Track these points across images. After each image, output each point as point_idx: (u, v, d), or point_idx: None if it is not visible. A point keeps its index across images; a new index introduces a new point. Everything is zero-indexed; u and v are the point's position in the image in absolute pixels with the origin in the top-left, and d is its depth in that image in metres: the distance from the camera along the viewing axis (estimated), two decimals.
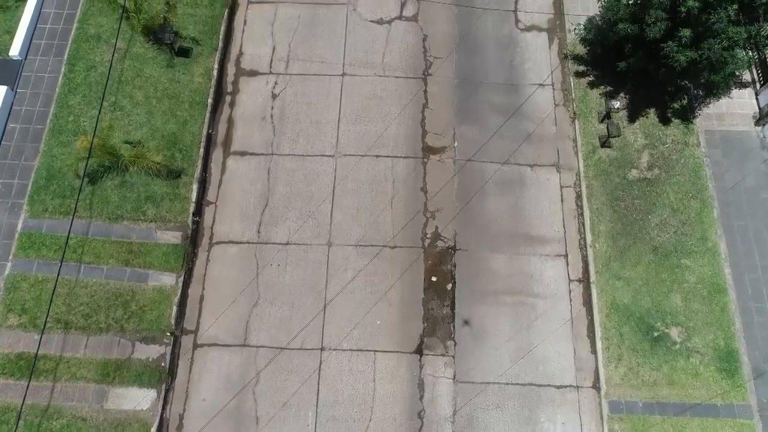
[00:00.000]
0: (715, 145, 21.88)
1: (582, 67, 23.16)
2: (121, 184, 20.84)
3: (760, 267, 20.13)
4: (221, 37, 23.62)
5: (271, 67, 23.33)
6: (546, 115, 22.63)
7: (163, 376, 18.81)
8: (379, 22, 24.18)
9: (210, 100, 22.52)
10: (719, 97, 19.95)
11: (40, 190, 20.55)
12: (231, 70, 23.36)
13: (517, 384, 18.86)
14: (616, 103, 21.23)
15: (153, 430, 18.18)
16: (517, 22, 24.34)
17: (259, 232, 20.76)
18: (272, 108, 22.64)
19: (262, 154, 21.91)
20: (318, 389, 18.77)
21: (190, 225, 20.69)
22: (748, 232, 20.59)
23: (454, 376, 18.99)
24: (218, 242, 20.70)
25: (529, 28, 24.25)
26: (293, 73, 23.21)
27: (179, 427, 18.38)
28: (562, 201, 21.39)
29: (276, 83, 23.07)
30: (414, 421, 18.53)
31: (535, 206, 21.28)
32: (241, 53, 23.64)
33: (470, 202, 21.24)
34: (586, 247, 20.64)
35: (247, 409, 18.52)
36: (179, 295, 19.80)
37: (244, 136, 22.23)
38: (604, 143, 21.77)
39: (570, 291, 20.15)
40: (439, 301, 19.97)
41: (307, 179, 21.53)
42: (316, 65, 23.32)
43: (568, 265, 20.47)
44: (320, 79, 23.11)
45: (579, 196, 21.42)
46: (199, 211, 21.07)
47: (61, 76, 22.20)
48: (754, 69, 22.24)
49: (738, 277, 20.02)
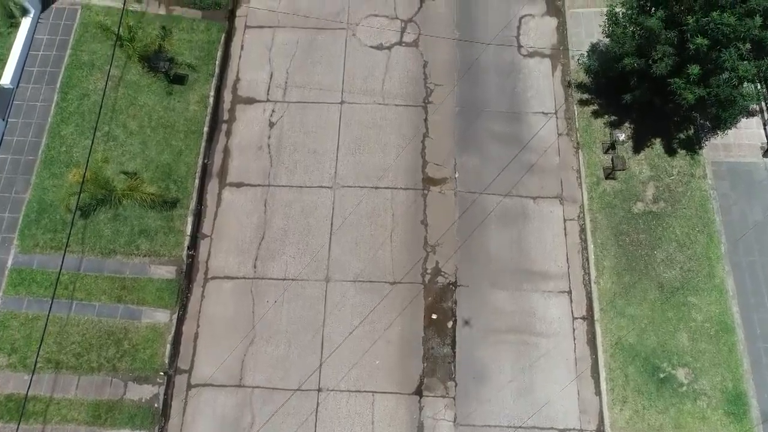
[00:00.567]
0: (723, 177, 21.38)
1: (586, 96, 22.67)
2: (114, 217, 20.36)
3: None
4: (218, 62, 23.14)
5: (268, 95, 22.85)
6: (549, 145, 22.14)
7: (156, 418, 18.34)
8: (379, 47, 23.69)
9: (206, 129, 22.05)
10: (727, 131, 19.40)
11: (31, 224, 20.08)
12: (227, 97, 22.88)
13: (520, 427, 18.35)
14: (621, 135, 20.72)
15: None
16: (520, 47, 23.85)
17: (256, 267, 20.27)
18: (269, 137, 22.16)
19: (259, 185, 21.43)
20: None
21: (185, 259, 20.21)
22: (757, 268, 20.10)
23: (455, 418, 18.50)
24: (213, 277, 20.21)
25: (531, 54, 23.75)
26: (291, 100, 22.72)
27: None
28: (566, 235, 20.90)
29: (273, 111, 22.58)
30: None
31: (538, 240, 20.78)
32: (238, 79, 23.16)
33: (471, 236, 20.74)
34: (590, 284, 20.15)
35: None
36: (173, 332, 19.33)
37: (241, 167, 21.74)
38: (609, 175, 21.27)
39: (574, 329, 19.65)
40: (440, 339, 19.48)
41: (304, 211, 21.04)
42: (314, 92, 22.83)
43: (571, 302, 19.97)
44: (319, 106, 22.63)
45: (583, 230, 20.93)
46: (194, 245, 20.59)
47: (53, 105, 21.73)
48: (762, 100, 21.72)
49: (746, 316, 19.51)
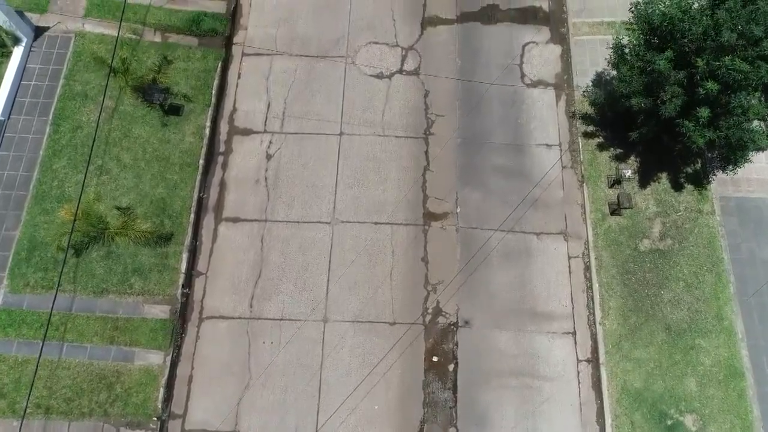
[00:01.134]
0: (731, 213, 20.85)
1: (590, 127, 22.14)
2: (107, 255, 19.85)
3: None
4: (214, 92, 22.61)
5: (265, 126, 22.32)
6: (553, 179, 21.61)
7: None
8: (379, 76, 23.16)
9: (201, 162, 21.53)
10: (736, 170, 18.85)
11: (22, 262, 19.56)
12: (224, 128, 22.36)
13: None
14: (628, 171, 20.19)
15: None
16: (523, 76, 23.31)
17: (252, 306, 19.75)
18: (266, 170, 21.63)
19: (256, 221, 20.91)
20: None
21: (179, 298, 19.70)
22: (766, 310, 19.55)
23: None
24: (208, 317, 19.69)
25: (535, 84, 23.21)
26: (289, 131, 22.20)
27: None
28: (570, 273, 20.37)
29: (271, 143, 22.07)
30: None
31: (542, 278, 20.26)
32: (234, 110, 22.63)
33: (473, 274, 20.22)
34: (596, 325, 19.62)
35: None
36: (167, 375, 18.82)
37: (237, 201, 21.22)
38: (614, 211, 20.74)
39: (578, 372, 19.13)
40: (441, 383, 18.96)
41: (302, 248, 20.52)
42: (312, 123, 22.31)
43: (576, 344, 19.45)
44: (317, 138, 22.11)
45: (588, 268, 20.40)
46: (188, 283, 20.07)
47: (45, 138, 21.21)
48: None
49: (756, 360, 18.99)
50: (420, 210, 21.14)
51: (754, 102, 16.52)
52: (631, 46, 18.05)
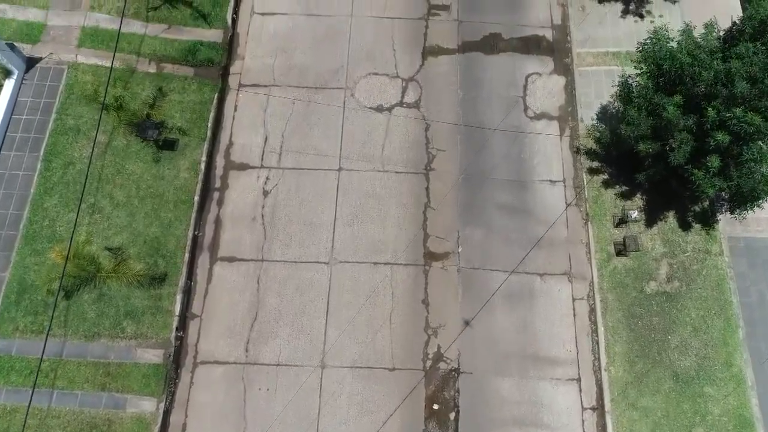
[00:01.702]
0: (740, 255, 20.31)
1: (595, 163, 21.61)
2: (98, 297, 19.33)
3: None
4: (210, 125, 22.08)
5: (262, 160, 21.79)
6: (557, 217, 21.07)
7: None
8: (379, 109, 22.63)
9: (197, 198, 21.00)
10: (746, 215, 18.31)
11: (11, 306, 19.05)
12: (220, 162, 21.82)
13: None
14: (634, 212, 19.66)
15: None
16: (526, 109, 22.77)
17: (247, 351, 19.22)
18: (263, 207, 21.11)
19: (252, 260, 20.37)
20: None
21: (173, 342, 19.18)
22: None
23: None
24: (203, 362, 19.16)
25: (538, 116, 22.68)
26: (286, 167, 21.67)
27: None
28: (575, 316, 19.84)
29: (268, 178, 21.53)
30: None
31: (546, 322, 19.73)
32: (231, 143, 22.10)
33: (475, 317, 19.69)
34: (601, 371, 19.09)
35: None
36: (159, 424, 18.29)
37: (233, 239, 20.69)
38: (620, 252, 20.20)
39: (583, 421, 18.60)
40: None
41: (299, 289, 19.98)
42: (310, 158, 21.78)
43: (581, 391, 18.92)
44: (315, 174, 21.58)
45: (593, 311, 19.87)
46: (183, 326, 19.55)
47: (36, 174, 20.69)
48: None
49: (766, 409, 18.45)
50: (420, 249, 20.60)
51: (767, 149, 15.98)
52: (638, 87, 17.47)
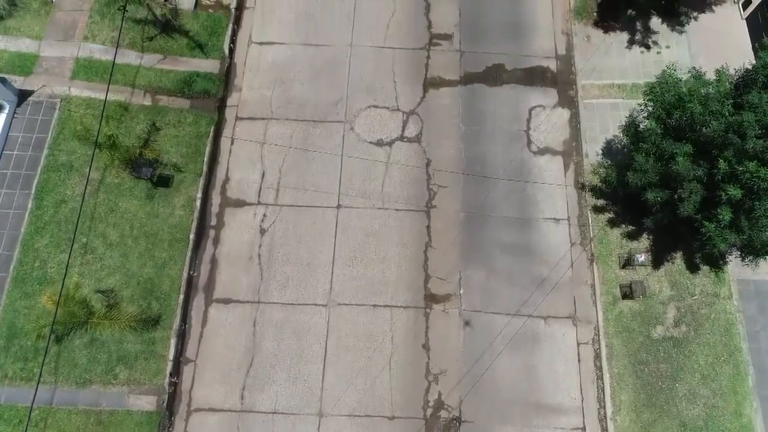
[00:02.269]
0: (749, 298, 19.77)
1: (601, 201, 21.09)
2: (90, 342, 18.83)
3: None
4: (206, 160, 21.58)
5: (259, 197, 21.27)
6: (561, 257, 20.54)
7: None
8: (379, 143, 22.11)
9: (192, 237, 20.49)
10: (758, 262, 17.73)
11: (0, 352, 18.53)
12: (216, 199, 21.31)
13: None
14: (641, 257, 19.13)
15: None
16: (530, 143, 22.24)
17: (243, 398, 18.69)
18: (260, 246, 20.58)
19: (248, 302, 19.86)
20: None
21: (167, 388, 18.66)
22: None
23: None
24: (197, 409, 18.64)
25: (542, 151, 22.14)
26: (284, 203, 21.15)
27: None
28: (580, 361, 19.30)
29: (265, 215, 21.01)
30: None
31: (550, 368, 19.19)
32: (227, 179, 21.58)
33: (477, 362, 19.15)
34: (606, 420, 18.55)
35: None
36: None
37: (229, 280, 20.16)
38: (626, 295, 19.66)
39: None
40: None
41: (297, 333, 19.46)
42: (309, 195, 21.26)
43: None
44: (313, 211, 21.06)
45: (598, 356, 19.33)
46: (177, 371, 19.03)
47: (27, 213, 20.18)
48: None
49: None
50: (421, 291, 20.08)
51: None
52: (647, 132, 16.90)
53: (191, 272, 20.19)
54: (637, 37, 23.78)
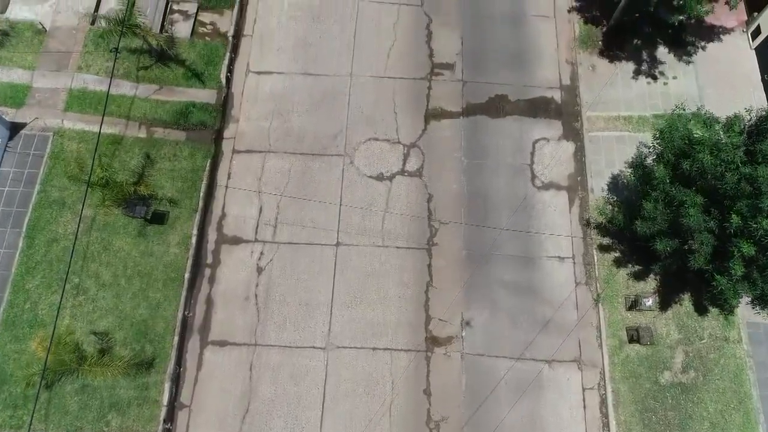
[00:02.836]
0: (760, 342, 19.25)
1: (606, 240, 20.56)
2: (82, 388, 18.32)
3: None
4: (202, 195, 21.05)
5: (256, 234, 20.75)
6: (566, 297, 20.02)
7: None
8: (379, 177, 21.58)
9: (187, 275, 19.97)
10: None
11: None
12: (212, 236, 20.78)
13: None
14: (648, 301, 18.61)
15: None
16: (534, 178, 21.72)
17: None
18: (257, 285, 20.07)
19: (245, 345, 19.34)
20: None
21: None
22: None
23: None
24: None
25: (546, 186, 21.62)
26: (281, 241, 20.63)
27: None
28: (585, 407, 18.78)
29: (262, 253, 20.49)
30: None
31: (554, 414, 18.67)
32: (223, 215, 21.06)
33: (480, 409, 18.63)
34: None
35: None
36: None
37: (225, 321, 19.65)
38: (633, 338, 19.13)
39: None
40: None
41: (294, 377, 18.94)
42: (307, 232, 20.73)
43: None
44: (312, 249, 20.53)
45: (604, 402, 18.81)
46: (171, 417, 18.51)
47: (18, 252, 19.67)
48: None
49: None
50: (422, 333, 19.56)
51: None
52: (656, 180, 16.36)
53: (186, 312, 19.67)
54: (644, 67, 23.25)
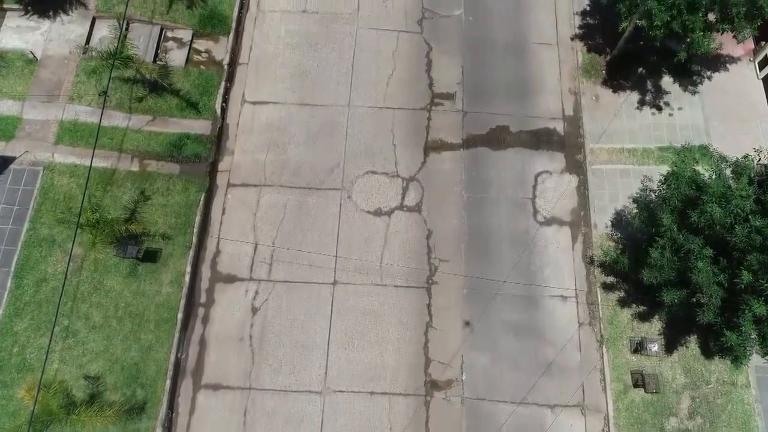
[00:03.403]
0: None
1: (610, 278, 20.04)
2: None
3: None
4: (195, 231, 20.54)
5: (251, 272, 20.23)
6: (569, 338, 19.50)
7: None
8: (377, 213, 21.07)
9: (180, 315, 19.46)
10: None
11: None
12: (206, 273, 20.26)
13: None
14: (654, 346, 18.09)
15: None
16: (536, 213, 21.19)
17: None
18: (252, 326, 19.55)
19: (239, 388, 18.81)
20: None
21: None
22: None
23: None
24: None
25: (548, 221, 21.10)
26: (277, 279, 20.11)
27: None
28: None
29: (257, 292, 19.97)
30: None
31: None
32: (218, 252, 20.54)
33: None
34: None
35: None
36: None
37: (219, 363, 19.13)
38: (638, 382, 18.61)
39: None
40: None
41: (289, 424, 18.43)
42: (303, 270, 20.21)
43: None
44: (308, 288, 20.01)
45: None
46: None
47: (6, 293, 19.16)
48: None
49: None
50: (421, 377, 19.04)
51: None
52: (662, 229, 15.84)
53: (179, 354, 19.15)
54: (648, 97, 22.73)
